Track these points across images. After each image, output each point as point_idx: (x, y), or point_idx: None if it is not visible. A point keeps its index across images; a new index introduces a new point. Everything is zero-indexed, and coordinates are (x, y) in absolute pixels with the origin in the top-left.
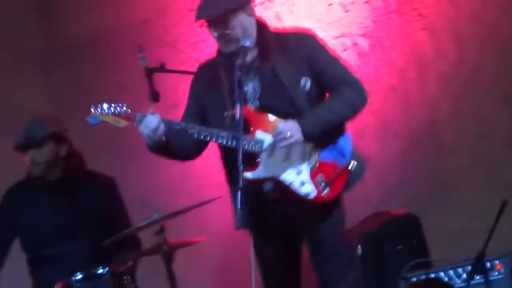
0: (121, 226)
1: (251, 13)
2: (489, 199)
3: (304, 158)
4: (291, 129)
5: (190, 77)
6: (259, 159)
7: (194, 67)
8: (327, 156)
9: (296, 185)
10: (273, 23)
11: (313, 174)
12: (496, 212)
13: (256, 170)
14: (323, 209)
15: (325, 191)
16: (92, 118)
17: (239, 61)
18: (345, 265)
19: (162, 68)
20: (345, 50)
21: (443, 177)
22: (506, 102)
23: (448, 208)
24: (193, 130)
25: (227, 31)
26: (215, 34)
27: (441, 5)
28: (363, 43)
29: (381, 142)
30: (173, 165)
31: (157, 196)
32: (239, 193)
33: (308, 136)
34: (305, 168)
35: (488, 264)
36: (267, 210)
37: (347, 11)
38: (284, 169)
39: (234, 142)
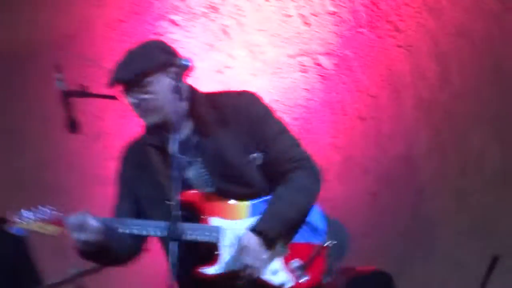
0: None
1: (176, 78)
2: (476, 250)
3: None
4: (252, 246)
5: (118, 103)
6: (217, 252)
7: None
8: (298, 237)
9: (267, 276)
10: (218, 37)
11: (286, 260)
12: (485, 267)
13: (218, 264)
14: None
15: (303, 278)
16: (15, 229)
17: (172, 137)
18: None
19: (83, 92)
20: (304, 72)
21: (421, 224)
22: (496, 132)
23: (427, 262)
24: (137, 227)
25: (145, 96)
26: (132, 101)
27: (420, 18)
28: (327, 63)
29: (346, 182)
30: (96, 201)
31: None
32: (176, 244)
33: (271, 242)
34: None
35: None
36: None
37: (308, 24)
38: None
39: (190, 234)
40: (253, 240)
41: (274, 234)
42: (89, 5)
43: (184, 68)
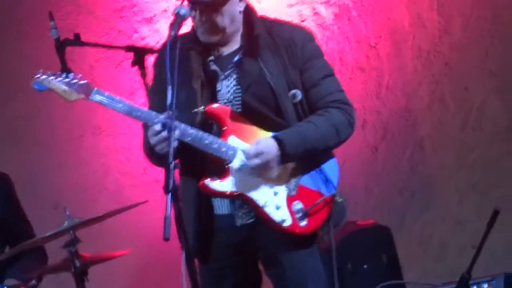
0: (20, 235)
1: None
2: (476, 205)
3: (282, 178)
4: (269, 150)
5: (113, 52)
6: (228, 168)
7: (117, 40)
8: (308, 181)
9: (270, 208)
10: None
11: (289, 200)
12: (485, 222)
13: (224, 181)
14: (296, 243)
15: (302, 222)
16: (37, 84)
17: (216, 54)
18: None
19: (76, 41)
20: (302, 21)
21: (420, 178)
22: (498, 85)
23: (426, 217)
24: (156, 120)
25: (216, 17)
26: (200, 18)
27: None
28: (326, 12)
29: None
30: (91, 160)
31: (70, 198)
32: (169, 196)
33: (287, 158)
34: (282, 190)
35: None
36: (224, 235)
37: None
38: (257, 187)
39: (203, 144)
40: (271, 144)
41: (293, 151)
42: None
43: None
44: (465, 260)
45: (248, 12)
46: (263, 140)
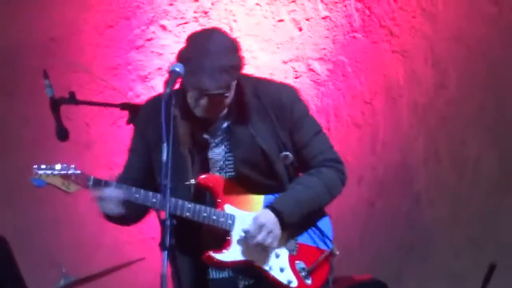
0: None
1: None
2: (472, 259)
3: (282, 240)
4: (269, 223)
5: (108, 110)
6: (229, 238)
7: (112, 98)
8: (306, 239)
9: (275, 272)
10: None
11: (292, 260)
12: (481, 277)
13: (228, 251)
14: None
15: (308, 280)
16: (36, 180)
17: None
18: None
19: (72, 99)
20: (297, 77)
21: (417, 232)
22: (493, 138)
23: (423, 271)
24: (154, 200)
25: (224, 101)
26: (208, 104)
27: (415, 22)
28: (321, 68)
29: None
30: (89, 217)
31: (66, 255)
32: (165, 253)
33: (286, 225)
34: (283, 252)
35: None
36: None
37: (300, 29)
38: (260, 252)
39: (202, 217)
40: (270, 217)
41: (291, 218)
42: (77, 10)
43: None
44: None
45: (238, 78)
46: (261, 215)
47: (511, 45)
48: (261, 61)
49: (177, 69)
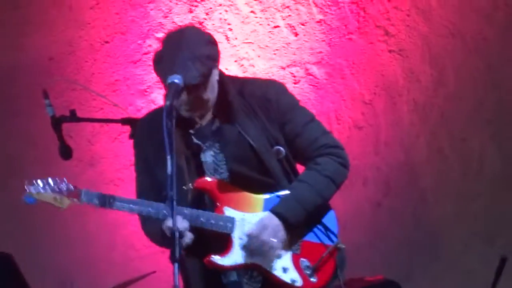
0: None
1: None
2: (482, 254)
3: (288, 243)
4: (273, 225)
5: (109, 126)
6: (230, 241)
7: (113, 113)
8: (310, 236)
9: (278, 272)
10: None
11: (295, 259)
12: (492, 271)
13: (230, 254)
14: None
15: (313, 278)
16: (28, 198)
17: (196, 126)
18: None
19: (73, 117)
20: (296, 82)
21: (425, 231)
22: (494, 133)
23: (433, 268)
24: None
25: (202, 94)
26: (188, 98)
27: (410, 21)
28: (319, 72)
29: (346, 192)
30: (96, 235)
31: (77, 273)
32: (176, 266)
33: (292, 227)
34: (285, 252)
35: None
36: None
37: (296, 34)
38: (261, 254)
39: (200, 222)
40: (274, 221)
41: (296, 219)
42: (73, 27)
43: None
44: None
45: (221, 78)
46: (265, 218)
47: (507, 37)
48: (258, 68)
49: (176, 80)
